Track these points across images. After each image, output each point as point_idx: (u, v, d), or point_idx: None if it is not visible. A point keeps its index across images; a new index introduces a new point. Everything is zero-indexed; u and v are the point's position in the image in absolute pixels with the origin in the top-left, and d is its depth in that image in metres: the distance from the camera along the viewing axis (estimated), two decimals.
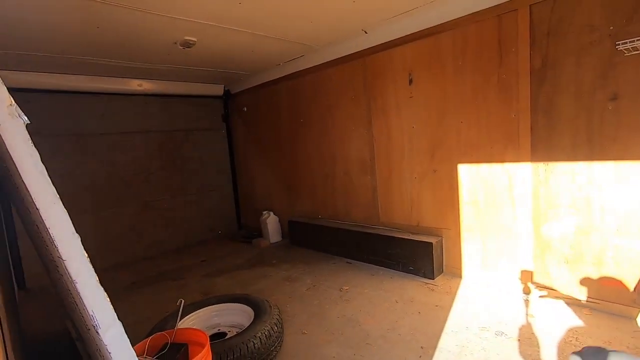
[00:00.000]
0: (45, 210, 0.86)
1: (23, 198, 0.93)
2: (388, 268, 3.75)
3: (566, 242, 2.69)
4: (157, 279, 4.11)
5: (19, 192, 0.92)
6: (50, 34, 2.96)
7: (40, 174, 0.87)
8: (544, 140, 2.69)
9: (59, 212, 0.89)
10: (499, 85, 2.89)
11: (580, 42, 2.43)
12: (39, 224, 0.87)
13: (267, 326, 2.29)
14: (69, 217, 0.89)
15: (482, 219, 3.16)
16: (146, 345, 1.81)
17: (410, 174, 3.65)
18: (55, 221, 0.88)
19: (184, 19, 2.90)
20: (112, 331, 0.88)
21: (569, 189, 2.62)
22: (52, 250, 0.89)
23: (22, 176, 0.84)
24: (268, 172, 5.55)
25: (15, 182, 0.94)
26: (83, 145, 4.56)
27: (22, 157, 0.86)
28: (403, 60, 3.51)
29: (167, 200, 5.36)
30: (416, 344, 2.38)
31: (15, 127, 0.83)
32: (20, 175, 0.85)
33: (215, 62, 4.33)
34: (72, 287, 0.87)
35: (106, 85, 4.59)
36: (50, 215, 0.88)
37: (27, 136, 0.85)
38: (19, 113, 0.85)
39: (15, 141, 0.85)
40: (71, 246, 0.88)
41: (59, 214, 0.89)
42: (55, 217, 0.88)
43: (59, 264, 0.89)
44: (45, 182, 0.87)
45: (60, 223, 0.89)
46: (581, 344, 2.23)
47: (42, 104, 4.21)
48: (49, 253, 0.94)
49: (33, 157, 0.85)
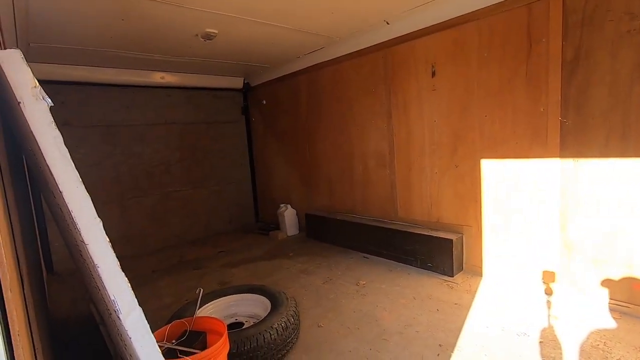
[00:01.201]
0: (68, 193, 0.86)
1: (47, 181, 0.94)
2: (406, 264, 3.70)
3: (595, 242, 2.57)
4: (178, 268, 4.21)
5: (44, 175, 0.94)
6: (80, 26, 3.03)
7: (64, 157, 0.88)
8: (574, 136, 2.57)
9: (81, 196, 0.89)
10: (527, 78, 2.77)
11: (618, 31, 2.29)
12: (62, 207, 0.88)
13: (283, 318, 2.29)
14: (90, 201, 0.90)
15: (505, 217, 3.06)
16: (166, 331, 1.85)
17: (430, 169, 3.57)
18: (78, 204, 0.88)
19: (205, 11, 2.91)
20: (133, 316, 0.89)
21: (599, 186, 2.50)
22: (75, 234, 0.90)
23: (45, 158, 0.85)
24: (286, 165, 5.56)
25: (40, 165, 0.95)
26: (109, 136, 4.69)
27: (45, 139, 0.86)
28: (426, 52, 3.42)
29: (188, 191, 5.46)
30: (434, 341, 2.34)
31: (39, 109, 0.84)
32: (44, 157, 0.86)
33: (235, 54, 4.35)
34: (95, 272, 0.89)
35: (131, 78, 4.69)
36: (73, 198, 0.88)
37: (51, 118, 0.86)
38: (43, 95, 0.86)
39: (39, 123, 0.85)
40: (93, 230, 0.88)
41: (81, 197, 0.89)
42: (77, 201, 0.88)
43: (82, 248, 0.91)
44: (68, 165, 0.88)
45: (82, 206, 0.89)
46: (609, 348, 2.13)
47: (72, 96, 4.35)
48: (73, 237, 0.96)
49: (56, 140, 0.86)
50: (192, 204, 5.52)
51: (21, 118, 0.85)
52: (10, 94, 0.85)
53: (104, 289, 0.89)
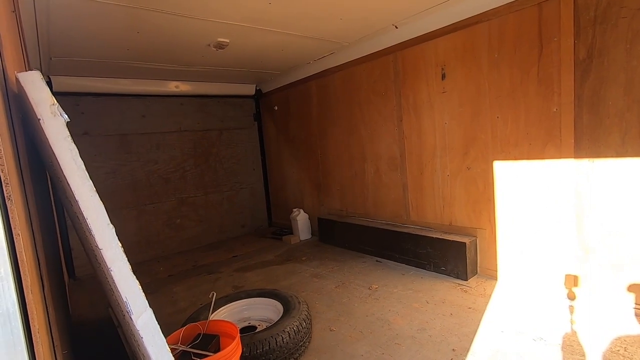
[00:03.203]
0: (84, 202, 0.92)
1: (65, 191, 1.01)
2: (419, 268, 3.67)
3: (614, 244, 2.50)
4: (192, 273, 4.28)
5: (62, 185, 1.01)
6: (97, 40, 3.16)
7: (79, 168, 0.93)
8: (589, 136, 2.52)
9: (95, 204, 0.94)
10: (539, 79, 2.73)
11: (633, 28, 2.24)
12: (79, 214, 0.95)
13: (295, 321, 2.31)
14: (104, 208, 0.96)
15: (520, 219, 3.01)
16: (180, 334, 1.89)
17: (442, 171, 3.54)
18: (92, 212, 0.94)
19: (216, 21, 2.99)
20: (144, 317, 0.94)
21: (616, 187, 2.43)
22: (91, 240, 0.96)
23: (62, 170, 0.92)
24: (298, 170, 5.61)
25: (59, 176, 1.02)
26: (126, 144, 4.84)
27: (62, 152, 0.93)
28: (435, 54, 3.41)
29: (201, 197, 5.57)
30: (447, 346, 2.32)
31: (56, 125, 0.91)
32: (61, 168, 0.92)
33: (247, 62, 4.44)
34: (108, 275, 0.94)
35: (146, 88, 4.84)
36: (88, 206, 0.94)
37: (67, 133, 0.93)
38: (60, 112, 0.93)
39: (56, 137, 0.92)
40: (106, 236, 0.94)
41: (95, 205, 0.94)
42: (92, 209, 0.94)
43: (97, 252, 0.96)
44: (84, 176, 0.94)
45: (96, 214, 0.95)
46: (631, 354, 2.07)
47: (90, 107, 4.52)
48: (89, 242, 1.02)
49: (72, 152, 0.93)
50: (207, 209, 5.62)
51: (41, 133, 0.93)
52: (32, 111, 0.93)
53: (117, 291, 0.94)
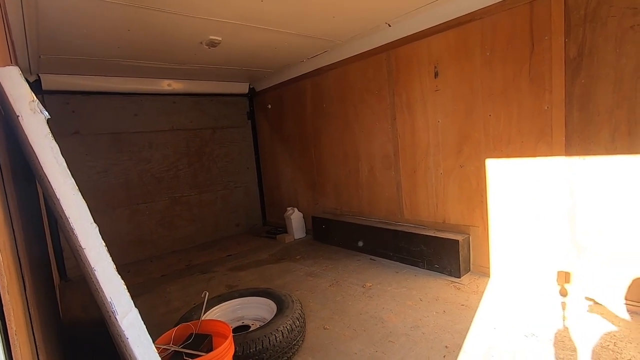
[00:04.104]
0: (65, 200, 0.90)
1: (47, 189, 0.99)
2: (412, 265, 3.68)
3: (605, 241, 2.52)
4: (186, 272, 4.26)
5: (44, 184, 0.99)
6: (87, 38, 3.11)
7: (60, 166, 0.91)
8: (579, 133, 2.54)
9: (77, 202, 0.92)
10: (531, 77, 2.75)
11: (622, 26, 2.26)
12: (61, 213, 0.93)
13: (289, 320, 2.31)
14: (87, 207, 0.94)
15: (512, 216, 3.03)
16: (172, 334, 1.88)
17: (435, 169, 3.56)
18: (75, 211, 0.92)
19: (208, 19, 2.97)
20: (129, 317, 0.92)
21: (606, 184, 2.46)
22: (74, 239, 0.95)
23: (43, 168, 0.89)
24: (292, 169, 5.59)
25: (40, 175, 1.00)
26: (118, 143, 4.79)
27: (43, 150, 0.91)
28: (428, 52, 3.42)
29: (195, 196, 5.53)
30: (440, 343, 2.33)
31: (36, 122, 0.89)
32: (42, 167, 0.90)
33: (239, 60, 4.41)
34: (93, 275, 0.92)
35: (139, 86, 4.79)
36: (70, 205, 0.92)
37: (48, 130, 0.91)
38: (41, 109, 0.90)
39: (36, 134, 0.89)
40: (89, 235, 0.92)
41: (77, 204, 0.93)
42: (74, 207, 0.92)
43: (80, 252, 0.95)
44: (65, 174, 0.91)
45: (78, 213, 0.93)
46: (620, 349, 2.09)
47: (81, 105, 4.46)
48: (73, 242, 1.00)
49: (53, 150, 0.90)
50: (200, 208, 5.58)
51: (21, 131, 0.91)
52: (10, 108, 0.90)
53: (101, 291, 0.93)
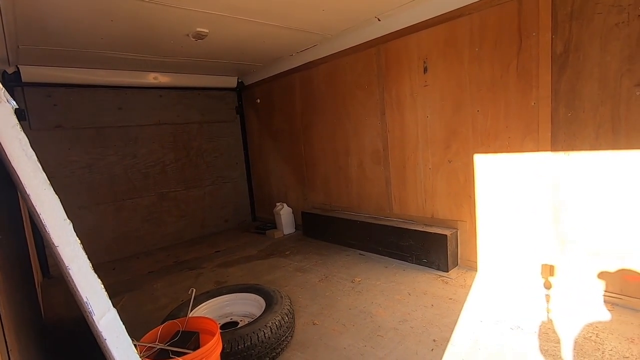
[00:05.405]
0: (36, 196, 0.86)
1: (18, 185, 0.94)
2: (401, 260, 3.71)
3: (587, 234, 2.58)
4: (174, 269, 4.20)
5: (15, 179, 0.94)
6: (68, 29, 3.01)
7: (30, 160, 0.86)
8: (565, 129, 2.58)
9: (49, 198, 0.88)
10: (518, 73, 2.77)
11: (607, 24, 2.29)
12: (33, 209, 0.88)
13: (277, 316, 2.30)
14: (60, 203, 0.89)
15: (499, 211, 3.07)
16: (158, 332, 1.85)
17: (424, 164, 3.57)
18: (47, 207, 0.88)
19: (194, 10, 2.89)
20: (107, 317, 0.89)
21: (590, 179, 2.51)
22: (47, 237, 0.90)
23: (11, 162, 0.84)
24: (282, 164, 5.56)
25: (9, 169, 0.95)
26: (103, 137, 4.67)
27: (10, 142, 0.85)
28: (418, 47, 3.41)
29: (183, 191, 5.45)
30: (428, 336, 2.35)
31: (2, 112, 0.82)
32: (10, 160, 0.84)
33: (227, 53, 4.33)
34: (67, 273, 0.89)
35: (124, 79, 4.67)
36: (42, 200, 0.87)
37: (15, 121, 0.85)
38: (7, 98, 0.85)
39: (3, 126, 0.82)
40: (63, 232, 0.88)
41: (49, 199, 0.88)
42: (46, 203, 0.88)
43: (54, 250, 0.91)
44: (35, 168, 0.86)
45: (51, 209, 0.88)
46: (602, 340, 2.15)
47: (63, 98, 4.33)
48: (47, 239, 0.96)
49: (22, 142, 0.85)
50: (188, 204, 5.51)
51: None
52: None
53: (76, 290, 0.89)
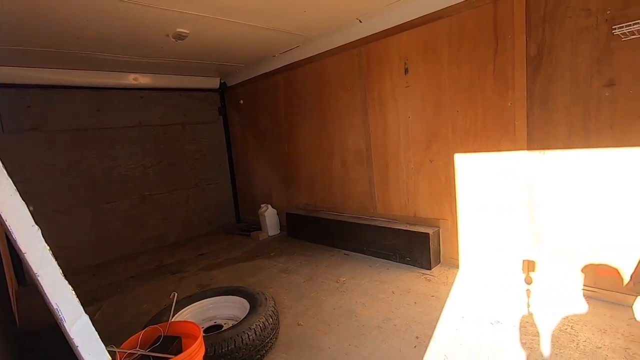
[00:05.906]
0: (2, 203, 0.82)
1: None
2: (385, 259, 3.75)
3: (563, 231, 2.67)
4: (156, 272, 4.13)
5: None
6: (42, 29, 2.92)
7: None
8: (540, 129, 2.66)
9: (16, 203, 0.85)
10: (495, 74, 2.85)
11: (577, 27, 2.38)
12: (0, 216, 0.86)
13: (261, 318, 2.29)
14: (27, 209, 0.86)
15: (479, 209, 3.14)
16: (139, 338, 1.82)
17: (406, 164, 3.62)
18: (13, 213, 0.84)
19: (175, 11, 2.86)
20: (79, 324, 0.87)
21: (564, 177, 2.60)
22: (15, 244, 0.88)
23: None
24: (266, 165, 5.53)
25: None
26: (81, 140, 4.55)
27: None
28: (399, 49, 3.46)
29: (165, 194, 5.36)
30: (411, 334, 2.39)
31: None
32: None
33: (209, 54, 4.29)
34: (37, 280, 0.87)
35: (102, 80, 4.56)
36: (8, 205, 0.84)
37: None
38: None
39: None
40: (30, 239, 0.85)
41: (16, 205, 0.85)
42: (12, 209, 0.85)
43: (22, 257, 0.89)
44: (0, 174, 0.84)
45: (18, 214, 0.85)
46: (576, 332, 2.23)
47: (38, 100, 4.19)
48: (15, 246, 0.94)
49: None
50: (171, 206, 5.42)
51: None
52: None
53: (46, 297, 0.87)
